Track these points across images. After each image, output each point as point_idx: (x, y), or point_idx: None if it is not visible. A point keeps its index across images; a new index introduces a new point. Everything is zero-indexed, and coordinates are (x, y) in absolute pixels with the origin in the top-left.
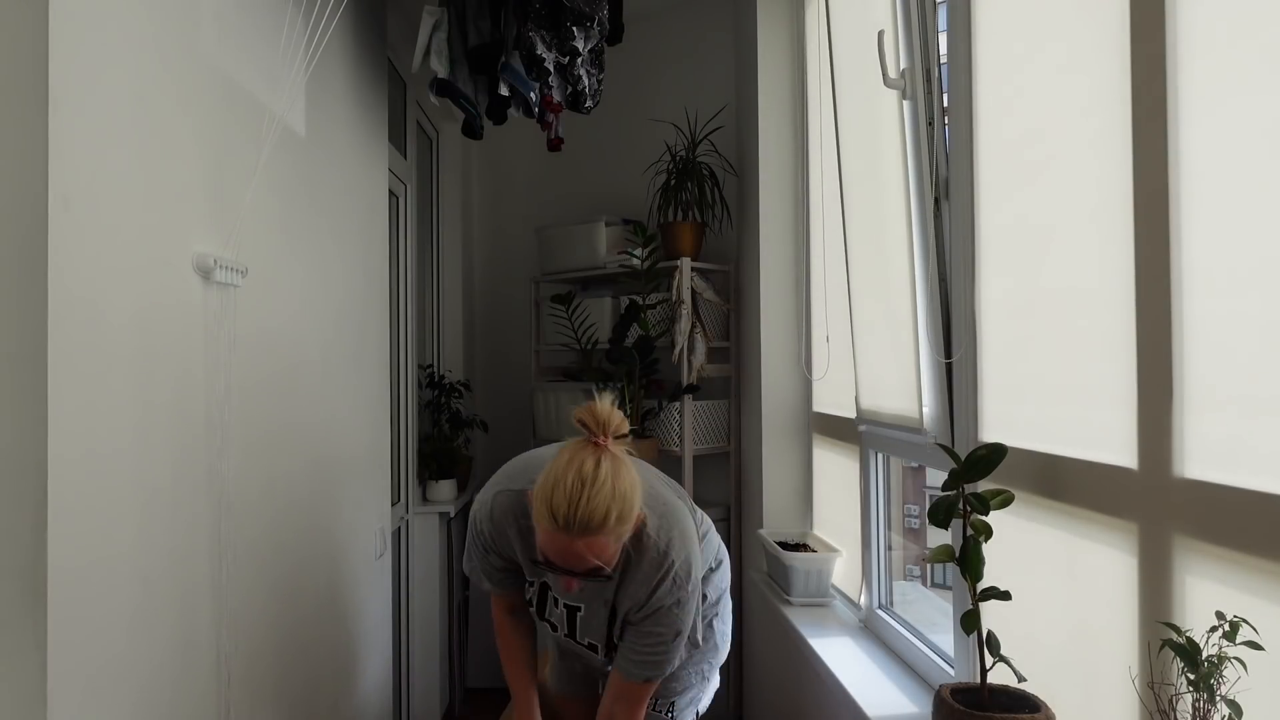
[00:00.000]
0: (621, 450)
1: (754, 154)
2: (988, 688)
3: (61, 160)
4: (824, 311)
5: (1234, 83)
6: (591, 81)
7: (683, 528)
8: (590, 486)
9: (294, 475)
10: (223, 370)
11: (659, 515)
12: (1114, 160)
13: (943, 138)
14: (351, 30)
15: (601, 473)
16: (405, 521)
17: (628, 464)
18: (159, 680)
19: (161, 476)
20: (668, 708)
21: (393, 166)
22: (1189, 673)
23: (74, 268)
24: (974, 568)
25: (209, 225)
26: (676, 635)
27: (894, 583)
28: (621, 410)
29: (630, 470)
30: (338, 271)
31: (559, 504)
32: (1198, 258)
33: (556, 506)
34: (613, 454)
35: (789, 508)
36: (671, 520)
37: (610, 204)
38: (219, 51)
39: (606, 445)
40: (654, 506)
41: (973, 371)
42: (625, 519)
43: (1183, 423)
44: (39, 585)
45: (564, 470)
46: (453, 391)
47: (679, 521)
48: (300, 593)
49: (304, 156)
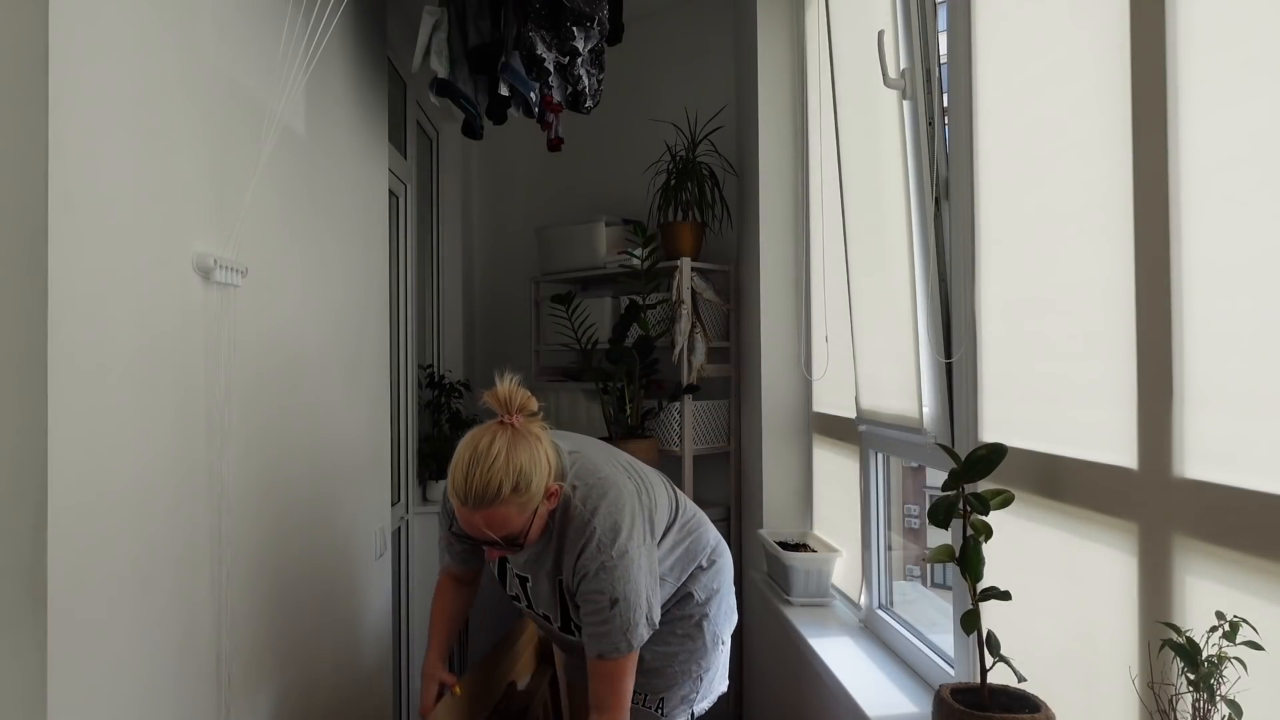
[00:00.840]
0: (535, 427)
1: (754, 154)
2: (988, 688)
3: (61, 160)
4: (824, 311)
5: (1234, 82)
6: (591, 81)
7: (613, 499)
8: (483, 461)
9: (294, 475)
10: (223, 370)
11: (588, 486)
12: (1114, 159)
13: (943, 138)
14: (351, 30)
15: (495, 448)
16: (405, 521)
17: (532, 439)
18: (159, 680)
19: (161, 476)
20: (657, 704)
21: (393, 166)
22: (1189, 673)
23: (74, 268)
24: (974, 568)
25: (209, 225)
26: (614, 603)
27: (894, 583)
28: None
29: (533, 445)
30: (338, 271)
31: (458, 479)
32: (1198, 257)
33: (456, 482)
34: (513, 430)
35: (789, 508)
36: (601, 491)
37: (610, 204)
38: (219, 51)
39: (512, 423)
40: (585, 478)
41: (973, 371)
42: (521, 491)
43: (1183, 423)
44: (39, 585)
45: (463, 448)
46: (453, 391)
47: (609, 492)
48: (300, 593)
49: (304, 156)
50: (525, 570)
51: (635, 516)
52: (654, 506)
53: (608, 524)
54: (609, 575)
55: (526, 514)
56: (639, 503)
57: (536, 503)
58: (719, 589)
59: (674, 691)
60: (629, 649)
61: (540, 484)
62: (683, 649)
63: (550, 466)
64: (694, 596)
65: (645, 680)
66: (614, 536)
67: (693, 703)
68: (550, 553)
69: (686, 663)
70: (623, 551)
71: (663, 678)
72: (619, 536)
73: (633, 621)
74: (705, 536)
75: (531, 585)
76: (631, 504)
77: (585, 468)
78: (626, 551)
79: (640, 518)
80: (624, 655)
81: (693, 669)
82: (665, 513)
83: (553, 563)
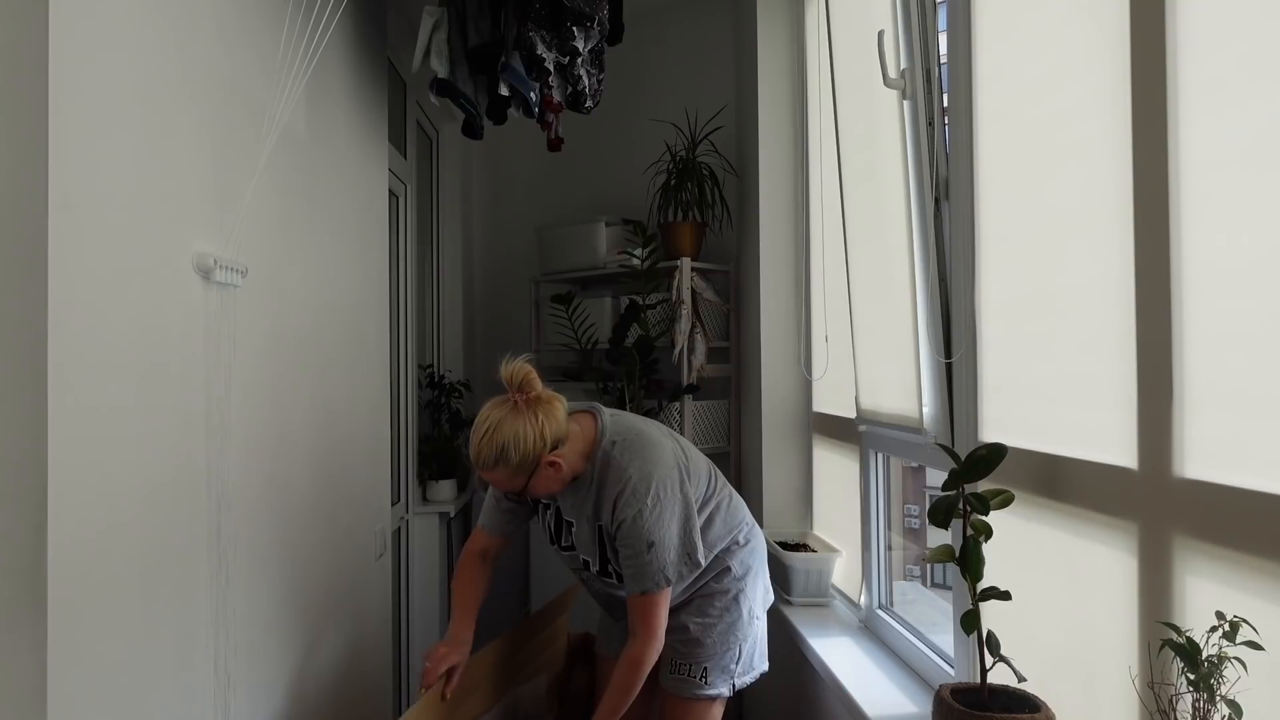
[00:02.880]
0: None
1: (754, 154)
2: (988, 688)
3: (61, 160)
4: (824, 311)
5: (1234, 82)
6: (591, 81)
7: (648, 454)
8: (478, 433)
9: (294, 475)
10: (223, 370)
11: (626, 442)
12: (1115, 159)
13: (943, 138)
14: (351, 30)
15: (487, 424)
16: (405, 521)
17: (528, 415)
18: (159, 680)
19: (161, 476)
20: (701, 673)
21: (393, 166)
22: (1189, 673)
23: (74, 268)
24: (974, 568)
25: (209, 225)
26: (650, 546)
27: (894, 583)
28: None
29: (525, 421)
30: (338, 271)
31: (470, 444)
32: (1198, 257)
33: (469, 445)
34: (512, 406)
35: (789, 508)
36: (638, 446)
37: (610, 204)
38: (219, 51)
39: (514, 399)
40: (624, 435)
41: (973, 371)
42: (506, 462)
43: (1183, 423)
44: (39, 585)
45: (477, 417)
46: (453, 391)
47: (647, 447)
48: (300, 592)
49: (304, 156)
50: (571, 515)
51: (670, 469)
52: (689, 466)
53: (643, 473)
54: (643, 520)
55: (520, 478)
56: (674, 459)
57: (527, 471)
58: (753, 566)
59: (715, 662)
60: (665, 584)
61: (525, 456)
62: (721, 621)
63: (545, 439)
64: (731, 570)
65: (689, 651)
66: (648, 485)
67: (734, 674)
68: (591, 499)
69: (725, 634)
70: (657, 499)
71: (704, 648)
72: (652, 484)
73: (667, 561)
74: (741, 514)
75: (575, 530)
76: (666, 459)
77: (626, 425)
78: (660, 499)
79: (676, 471)
80: (659, 591)
81: (731, 639)
82: (704, 479)
83: (593, 508)
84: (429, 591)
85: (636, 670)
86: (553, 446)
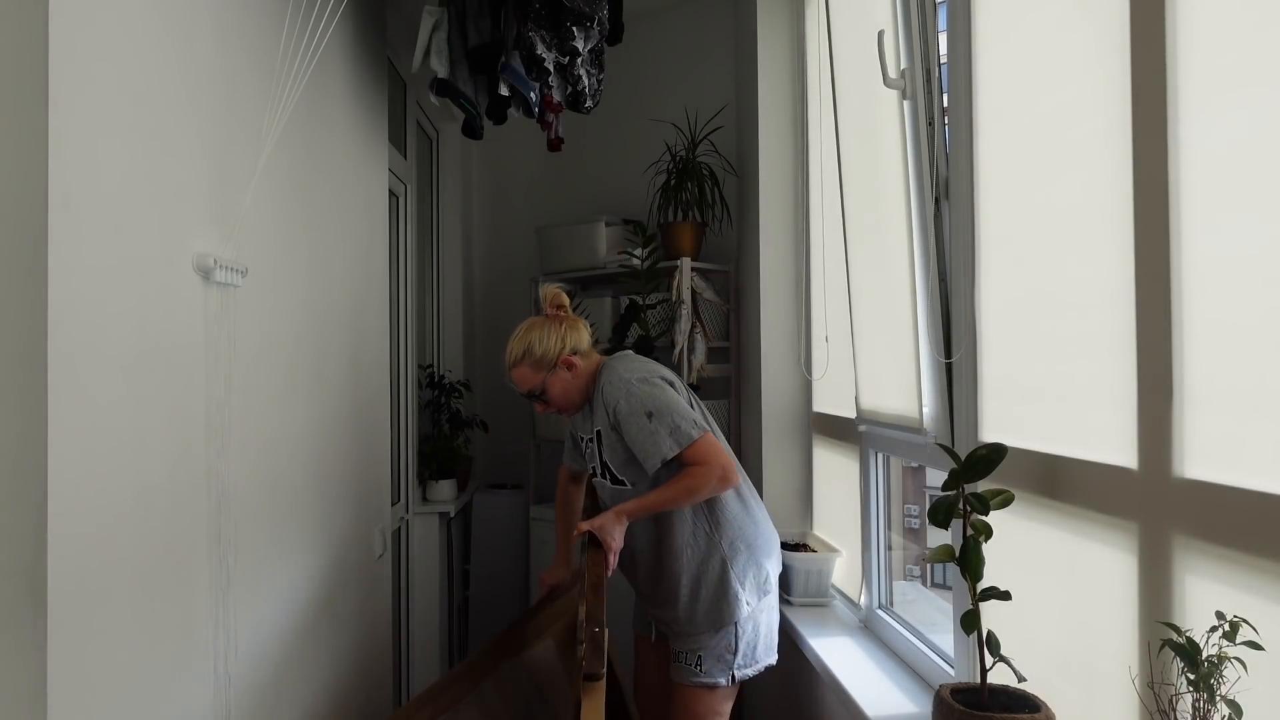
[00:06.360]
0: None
1: (754, 154)
2: (988, 688)
3: (61, 160)
4: (824, 311)
5: (1234, 82)
6: (591, 81)
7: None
8: (513, 337)
9: (293, 475)
10: (222, 370)
11: (627, 361)
12: (1115, 159)
13: (943, 138)
14: (351, 30)
15: (521, 327)
16: (405, 521)
17: (554, 323)
18: (159, 680)
19: (161, 476)
20: (695, 660)
21: (393, 166)
22: (1189, 673)
23: (74, 268)
24: (974, 568)
25: (209, 225)
26: (650, 415)
27: (894, 583)
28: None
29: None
30: (338, 271)
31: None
32: (1198, 257)
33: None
34: (545, 317)
35: (789, 507)
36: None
37: (610, 204)
38: (219, 51)
39: (546, 312)
40: (627, 358)
41: (973, 371)
42: (531, 355)
43: (1182, 423)
44: (39, 585)
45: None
46: (453, 391)
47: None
48: (300, 592)
49: (304, 156)
50: (587, 431)
51: (654, 369)
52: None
53: (628, 367)
54: (636, 399)
55: (540, 374)
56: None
57: (548, 365)
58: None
59: (710, 650)
60: (686, 440)
61: (546, 352)
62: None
63: (564, 344)
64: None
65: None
66: (634, 375)
67: (731, 664)
68: (597, 409)
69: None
70: (643, 379)
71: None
72: (636, 376)
73: (674, 423)
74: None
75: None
76: (652, 365)
77: (630, 355)
78: (647, 379)
79: (661, 373)
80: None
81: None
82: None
83: (600, 416)
84: (429, 591)
85: (687, 480)
86: (571, 353)
